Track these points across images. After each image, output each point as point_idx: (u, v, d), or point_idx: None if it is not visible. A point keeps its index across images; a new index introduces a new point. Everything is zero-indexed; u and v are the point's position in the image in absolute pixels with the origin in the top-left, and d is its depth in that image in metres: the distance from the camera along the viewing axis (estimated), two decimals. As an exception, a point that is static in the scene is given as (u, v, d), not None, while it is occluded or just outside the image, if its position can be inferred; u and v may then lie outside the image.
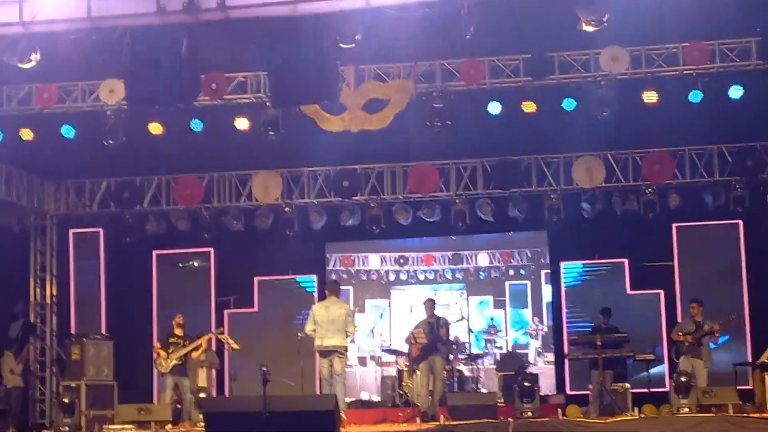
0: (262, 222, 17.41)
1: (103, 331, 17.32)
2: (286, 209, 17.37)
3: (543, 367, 17.86)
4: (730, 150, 16.20)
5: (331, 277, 18.12)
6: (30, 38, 10.72)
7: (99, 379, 16.20)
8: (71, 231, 18.36)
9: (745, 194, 16.18)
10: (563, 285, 17.80)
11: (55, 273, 18.32)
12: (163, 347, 14.70)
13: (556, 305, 17.91)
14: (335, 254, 18.90)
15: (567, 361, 16.75)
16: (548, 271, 18.18)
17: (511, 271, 18.63)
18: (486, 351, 17.92)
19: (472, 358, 17.04)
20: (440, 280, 18.76)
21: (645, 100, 13.58)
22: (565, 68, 13.67)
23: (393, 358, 16.92)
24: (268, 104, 13.86)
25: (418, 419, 13.23)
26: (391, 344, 17.44)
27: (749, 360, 15.81)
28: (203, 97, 13.49)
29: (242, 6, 9.98)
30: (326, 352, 13.06)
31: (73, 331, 17.55)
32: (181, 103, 10.45)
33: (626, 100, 13.60)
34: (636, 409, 13.61)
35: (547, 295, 18.19)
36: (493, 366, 17.49)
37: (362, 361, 18.42)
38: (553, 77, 13.63)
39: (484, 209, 17.13)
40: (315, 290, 17.87)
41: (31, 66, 11.25)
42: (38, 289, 18.27)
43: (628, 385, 14.69)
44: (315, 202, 17.45)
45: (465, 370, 16.86)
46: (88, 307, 17.97)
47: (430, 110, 13.85)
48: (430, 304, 14.89)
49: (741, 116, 14.21)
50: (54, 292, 18.29)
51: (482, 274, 18.72)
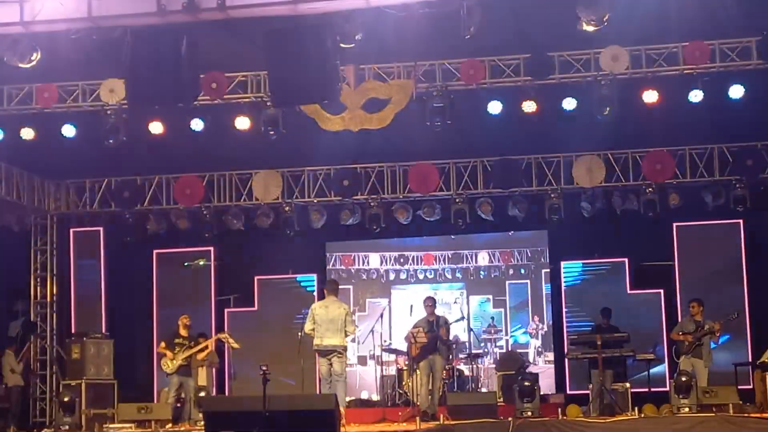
0: (262, 221, 17.43)
1: (104, 330, 17.33)
2: (287, 208, 17.38)
3: (543, 367, 17.85)
4: (731, 149, 16.20)
5: (331, 276, 18.13)
6: (30, 38, 10.72)
7: (99, 378, 16.20)
8: (72, 230, 18.37)
9: (746, 194, 16.19)
10: (563, 284, 17.80)
11: (55, 272, 18.33)
12: (168, 348, 14.72)
13: (556, 304, 17.92)
14: (335, 253, 18.91)
15: (567, 360, 16.75)
16: (548, 270, 18.19)
17: (511, 271, 18.63)
18: (486, 350, 17.92)
19: (472, 358, 17.03)
20: (440, 279, 18.76)
21: (645, 100, 13.57)
22: (566, 68, 13.67)
23: (393, 357, 16.91)
24: (268, 104, 13.87)
25: (418, 419, 13.22)
26: (391, 343, 17.44)
27: (750, 360, 15.83)
28: (203, 96, 13.50)
29: (242, 6, 9.97)
30: (325, 352, 13.05)
31: (73, 330, 17.56)
32: (182, 102, 10.45)
33: (626, 100, 13.60)
34: (636, 408, 13.60)
35: (547, 295, 18.19)
36: (493, 365, 17.49)
37: (362, 361, 18.42)
38: (553, 77, 13.63)
39: (484, 208, 17.15)
40: (315, 289, 17.88)
41: (31, 66, 11.25)
42: (39, 288, 18.29)
43: (628, 384, 14.68)
44: (315, 201, 17.46)
45: (465, 369, 16.85)
46: (88, 306, 17.98)
47: (430, 110, 13.85)
48: (431, 303, 14.87)
49: (741, 116, 14.21)
50: (54, 291, 18.30)
51: (482, 274, 18.72)
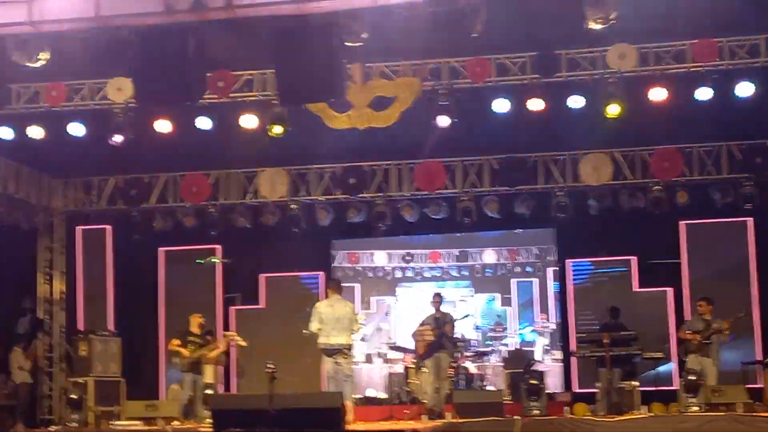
0: (268, 219, 17.44)
1: (111, 328, 17.36)
2: (293, 206, 17.39)
3: (550, 365, 17.83)
4: (739, 147, 16.15)
5: (337, 274, 18.15)
6: (38, 37, 10.73)
7: (106, 376, 16.24)
8: (79, 228, 18.39)
9: (754, 191, 16.12)
10: (570, 282, 17.77)
11: (63, 269, 18.37)
12: (183, 345, 14.77)
13: (563, 303, 17.88)
14: (341, 251, 18.91)
15: (574, 358, 16.74)
16: (555, 268, 18.16)
17: (518, 269, 18.61)
18: (493, 348, 17.91)
19: (479, 356, 17.03)
20: (446, 277, 18.76)
21: (653, 98, 13.53)
22: (573, 66, 13.64)
23: (399, 355, 16.92)
24: (274, 102, 13.86)
25: (425, 416, 13.22)
26: (397, 341, 17.44)
27: (758, 358, 15.78)
28: (210, 94, 13.50)
29: (249, 5, 9.98)
30: (332, 351, 13.04)
31: (80, 328, 17.59)
32: (189, 101, 10.45)
33: (634, 98, 13.57)
34: (644, 407, 13.58)
35: (553, 293, 18.16)
36: (500, 363, 17.48)
37: (369, 358, 18.43)
38: (560, 75, 13.60)
39: (491, 206, 17.13)
40: (321, 287, 17.88)
41: (40, 65, 11.26)
42: (46, 286, 18.33)
43: (636, 383, 14.66)
44: (321, 199, 17.45)
45: (471, 367, 16.86)
46: (95, 303, 18.00)
47: (436, 108, 13.84)
48: (438, 299, 14.88)
49: (750, 113, 14.16)
50: (62, 289, 18.34)
51: (489, 272, 18.70)
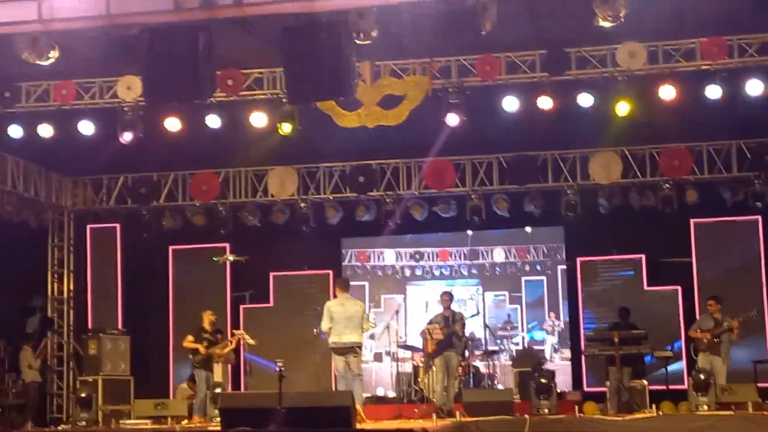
0: (278, 217, 17.45)
1: (120, 326, 17.41)
2: (302, 205, 17.41)
3: (560, 364, 17.78)
4: (749, 145, 16.12)
5: (347, 272, 18.14)
6: (48, 36, 10.74)
7: (116, 374, 16.28)
8: (89, 226, 18.44)
9: (764, 190, 16.08)
10: (580, 281, 17.74)
11: (72, 268, 18.41)
12: (197, 341, 14.84)
13: (573, 301, 17.85)
14: (351, 250, 18.89)
15: (584, 357, 16.71)
16: (564, 266, 18.13)
17: (527, 267, 18.57)
18: (502, 347, 17.88)
19: (488, 354, 16.99)
20: (456, 275, 18.72)
21: (662, 96, 13.50)
22: (582, 64, 13.61)
23: (408, 354, 16.90)
24: (284, 100, 13.86)
25: (434, 415, 13.20)
26: (406, 340, 17.42)
27: (769, 357, 15.73)
28: (220, 93, 13.50)
29: (258, 2, 9.97)
30: (344, 349, 13.05)
31: (90, 326, 17.64)
32: (198, 99, 10.44)
33: (643, 96, 13.54)
34: (654, 406, 13.55)
35: (563, 291, 18.13)
36: (509, 362, 17.45)
37: (378, 357, 18.41)
38: (569, 73, 13.57)
39: (500, 205, 17.12)
40: (330, 286, 17.86)
41: (49, 63, 11.27)
42: (56, 284, 18.38)
43: (645, 382, 14.63)
44: (331, 197, 17.46)
45: (481, 366, 16.81)
46: (105, 302, 18.04)
47: (446, 106, 13.82)
48: (447, 297, 14.86)
49: (760, 111, 14.10)
50: (71, 288, 18.38)
51: (498, 270, 18.67)
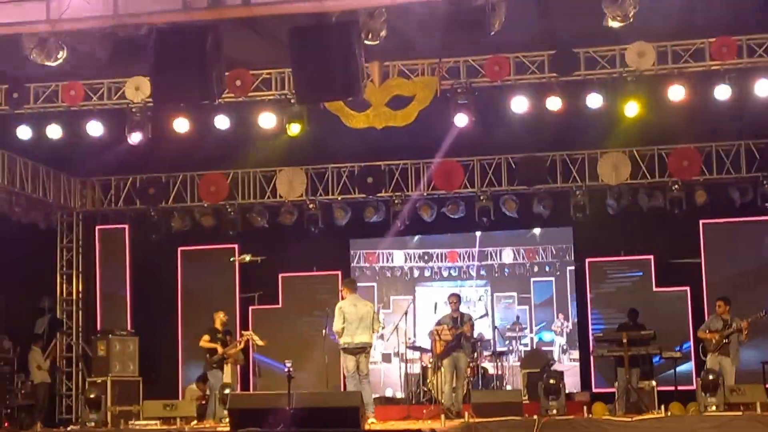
0: (286, 218, 17.46)
1: (129, 328, 17.42)
2: (311, 206, 17.42)
3: (568, 365, 17.75)
4: (758, 146, 16.09)
5: (356, 273, 18.14)
6: (57, 36, 10.76)
7: (124, 375, 16.30)
8: (97, 227, 18.47)
9: (773, 191, 16.06)
10: (588, 282, 17.71)
11: (81, 269, 18.44)
12: (213, 341, 14.96)
13: (581, 302, 17.82)
14: (359, 251, 18.89)
15: (592, 358, 16.68)
16: (573, 267, 18.10)
17: (536, 268, 18.54)
18: (510, 348, 17.86)
19: (497, 355, 16.97)
20: (464, 276, 18.70)
21: (671, 96, 13.47)
22: (591, 64, 13.59)
23: (417, 354, 16.89)
24: (292, 101, 13.87)
25: (443, 416, 13.19)
26: (415, 341, 17.41)
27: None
28: (228, 93, 13.50)
29: (267, 2, 9.97)
30: (356, 350, 13.10)
31: (98, 327, 17.66)
32: (206, 100, 10.43)
33: (652, 96, 13.51)
34: (662, 407, 13.51)
35: (572, 292, 18.10)
36: (518, 363, 17.43)
37: (386, 358, 18.40)
38: (578, 73, 13.55)
39: (509, 205, 17.11)
40: (340, 287, 17.86)
41: (58, 64, 11.29)
42: (65, 286, 18.41)
43: (654, 383, 14.59)
44: (339, 198, 17.47)
45: (489, 367, 16.80)
46: (113, 303, 18.07)
47: (454, 107, 13.81)
48: (455, 300, 14.85)
49: (769, 112, 14.09)
50: (80, 289, 18.40)
51: (507, 271, 18.64)
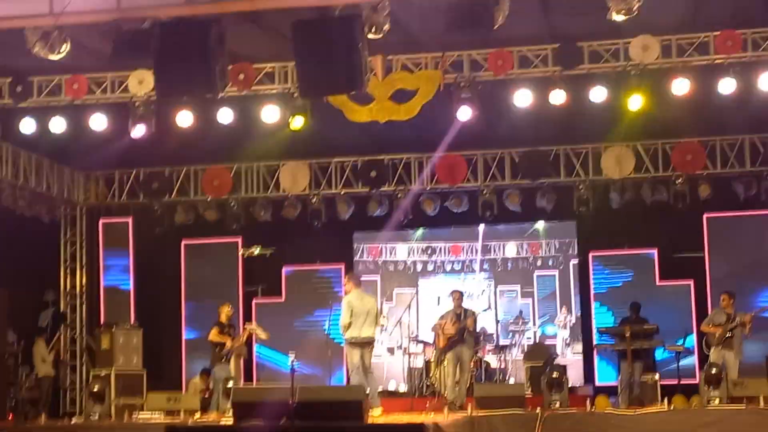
0: (289, 212, 17.47)
1: (133, 321, 17.44)
2: (314, 199, 17.42)
3: (571, 358, 17.77)
4: (762, 140, 16.08)
5: (359, 267, 18.16)
6: (60, 29, 10.76)
7: (128, 368, 16.32)
8: (101, 221, 18.49)
9: (777, 184, 16.06)
10: (592, 275, 17.72)
11: (84, 263, 18.47)
12: (222, 335, 15.03)
13: (585, 296, 17.83)
14: (363, 244, 18.90)
15: (595, 352, 16.68)
16: (576, 261, 18.10)
17: (539, 262, 18.55)
18: (514, 342, 17.87)
19: (500, 349, 17.00)
20: (467, 270, 18.70)
21: (675, 90, 13.45)
22: (595, 58, 13.56)
23: (420, 348, 16.91)
24: (295, 95, 13.86)
25: (446, 409, 13.21)
26: (418, 334, 17.43)
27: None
28: (231, 87, 13.51)
29: (270, -4, 9.99)
30: (362, 343, 13.15)
31: (102, 321, 17.69)
32: (210, 93, 10.44)
33: (656, 90, 13.49)
34: (665, 400, 13.53)
35: (575, 286, 18.10)
36: (521, 357, 17.44)
37: (390, 351, 18.43)
38: (582, 67, 13.52)
39: (512, 199, 17.10)
40: (342, 280, 17.87)
41: (61, 57, 11.29)
42: (68, 279, 18.44)
43: (657, 376, 14.60)
44: (342, 192, 17.47)
45: (492, 360, 16.82)
46: (117, 296, 18.10)
47: (458, 100, 13.80)
48: (458, 296, 14.86)
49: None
50: (84, 282, 18.44)
51: (510, 265, 18.65)
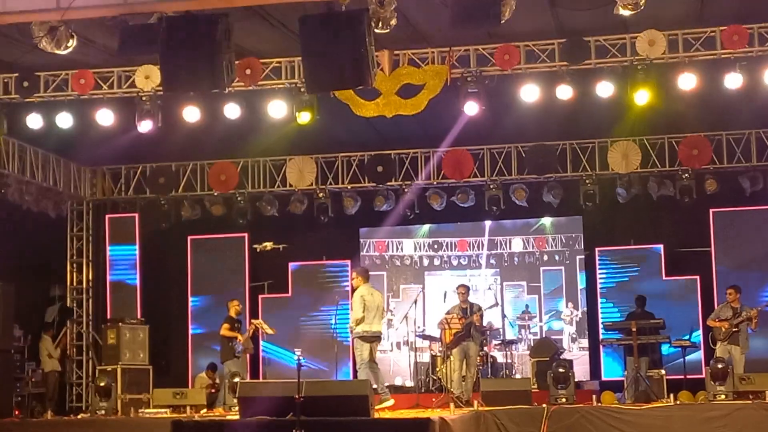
0: (296, 207, 17.47)
1: (139, 316, 17.47)
2: (320, 195, 17.42)
3: (577, 354, 17.77)
4: (768, 135, 16.07)
5: (365, 262, 18.15)
6: (67, 24, 10.77)
7: (135, 364, 16.35)
8: (107, 216, 18.51)
9: (784, 179, 16.04)
10: (598, 271, 17.71)
11: (91, 258, 18.48)
12: (233, 330, 15.19)
13: (591, 291, 17.82)
14: (369, 239, 18.90)
15: (602, 347, 16.68)
16: (583, 256, 18.09)
17: (546, 257, 18.53)
18: (520, 337, 17.88)
19: (506, 344, 17.00)
20: (474, 265, 18.69)
21: (682, 85, 13.42)
22: (602, 52, 13.54)
23: (426, 343, 16.91)
24: (302, 90, 13.86)
25: (452, 404, 13.22)
26: (424, 330, 17.43)
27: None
28: (238, 82, 13.50)
29: (277, -9, 9.97)
30: (373, 338, 13.22)
31: (109, 316, 17.71)
32: (216, 88, 10.43)
33: (663, 85, 13.47)
34: (671, 395, 13.52)
35: (581, 281, 18.09)
36: (527, 352, 17.44)
37: (396, 347, 18.43)
38: (589, 62, 13.51)
39: (519, 194, 17.10)
40: (349, 276, 17.88)
41: (67, 52, 11.30)
42: (75, 274, 18.46)
43: (663, 371, 14.59)
44: (349, 187, 17.48)
45: (498, 356, 16.83)
46: (123, 291, 18.12)
47: (464, 95, 13.79)
48: (464, 290, 14.87)
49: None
50: (90, 277, 18.45)
51: (516, 260, 18.64)
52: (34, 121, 14.67)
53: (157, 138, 14.96)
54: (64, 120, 14.57)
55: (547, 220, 18.30)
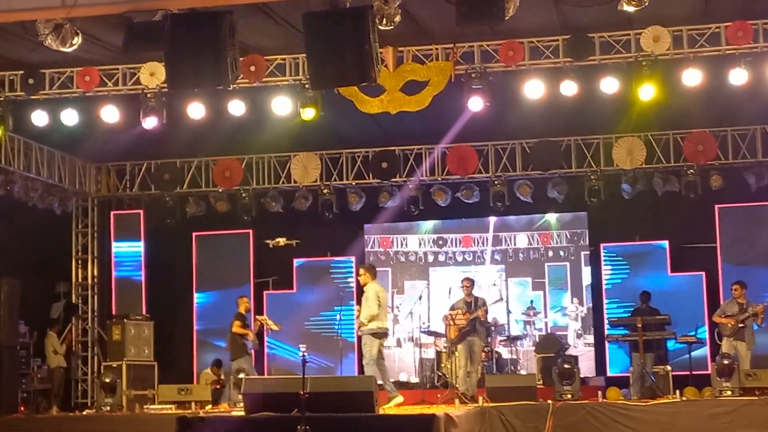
0: (300, 204, 17.47)
1: (144, 312, 17.48)
2: (325, 191, 17.42)
3: (582, 349, 17.75)
4: (774, 130, 16.04)
5: (370, 258, 18.15)
6: (72, 22, 10.78)
7: (140, 360, 16.37)
8: (112, 213, 18.53)
9: (789, 175, 16.01)
10: (603, 267, 17.69)
11: (96, 254, 18.51)
12: (244, 327, 15.35)
13: (596, 287, 17.81)
14: (374, 236, 18.90)
15: (607, 343, 16.67)
16: (588, 252, 18.08)
17: (551, 253, 18.51)
18: (525, 333, 17.87)
19: (511, 340, 17.01)
20: (479, 261, 18.68)
21: (687, 81, 13.41)
22: (606, 49, 13.52)
23: (431, 339, 16.92)
24: (306, 86, 13.86)
25: (457, 401, 13.23)
26: (429, 326, 17.44)
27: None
28: (242, 79, 13.51)
29: (281, -12, 9.97)
30: (382, 334, 13.25)
31: (114, 312, 17.74)
32: (221, 85, 10.44)
33: (668, 81, 13.45)
34: (677, 391, 13.53)
35: (586, 277, 18.08)
36: (532, 348, 17.44)
37: (400, 342, 18.44)
38: (593, 58, 13.49)
39: (523, 190, 17.09)
40: (353, 272, 17.90)
41: (72, 49, 11.31)
42: (80, 271, 18.49)
43: (669, 367, 14.59)
44: (353, 183, 17.48)
45: (503, 351, 16.83)
46: (128, 288, 18.13)
47: (469, 92, 13.78)
48: (468, 284, 14.86)
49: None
50: (95, 274, 18.48)
51: (521, 256, 18.63)
52: (39, 118, 14.70)
53: (161, 135, 14.99)
54: (70, 117, 14.59)
55: (551, 216, 18.28)
